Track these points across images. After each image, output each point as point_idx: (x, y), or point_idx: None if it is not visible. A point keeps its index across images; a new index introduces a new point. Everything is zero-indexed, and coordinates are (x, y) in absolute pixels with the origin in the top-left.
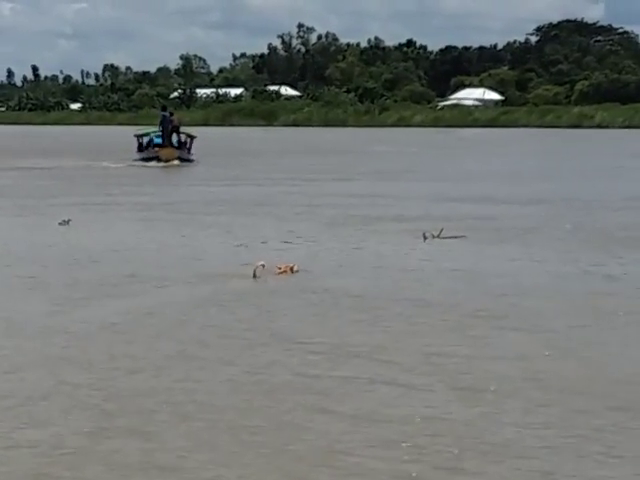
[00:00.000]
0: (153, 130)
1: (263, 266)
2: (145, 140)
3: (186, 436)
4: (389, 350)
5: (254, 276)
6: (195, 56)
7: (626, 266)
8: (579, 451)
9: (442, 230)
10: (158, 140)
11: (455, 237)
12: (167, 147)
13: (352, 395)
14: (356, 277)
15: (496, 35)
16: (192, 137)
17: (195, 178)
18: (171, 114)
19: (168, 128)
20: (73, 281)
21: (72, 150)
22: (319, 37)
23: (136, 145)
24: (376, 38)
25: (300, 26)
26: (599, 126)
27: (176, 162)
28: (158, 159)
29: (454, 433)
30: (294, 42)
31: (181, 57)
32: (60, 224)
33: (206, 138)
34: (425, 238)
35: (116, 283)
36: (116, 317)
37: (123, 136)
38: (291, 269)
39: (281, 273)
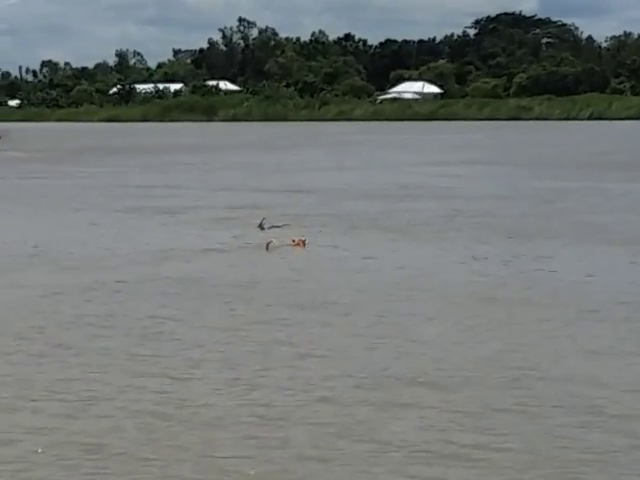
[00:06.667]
0: None
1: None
2: None
3: None
4: None
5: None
6: (132, 51)
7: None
8: None
9: (264, 219)
10: None
11: (279, 226)
12: None
13: None
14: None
15: (433, 28)
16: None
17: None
18: None
19: None
20: None
21: None
22: (260, 32)
23: None
24: (320, 32)
25: (241, 20)
26: (537, 118)
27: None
28: None
29: None
30: (235, 37)
31: (116, 53)
32: None
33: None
34: (262, 228)
35: None
36: None
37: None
38: (303, 242)
39: (295, 245)
